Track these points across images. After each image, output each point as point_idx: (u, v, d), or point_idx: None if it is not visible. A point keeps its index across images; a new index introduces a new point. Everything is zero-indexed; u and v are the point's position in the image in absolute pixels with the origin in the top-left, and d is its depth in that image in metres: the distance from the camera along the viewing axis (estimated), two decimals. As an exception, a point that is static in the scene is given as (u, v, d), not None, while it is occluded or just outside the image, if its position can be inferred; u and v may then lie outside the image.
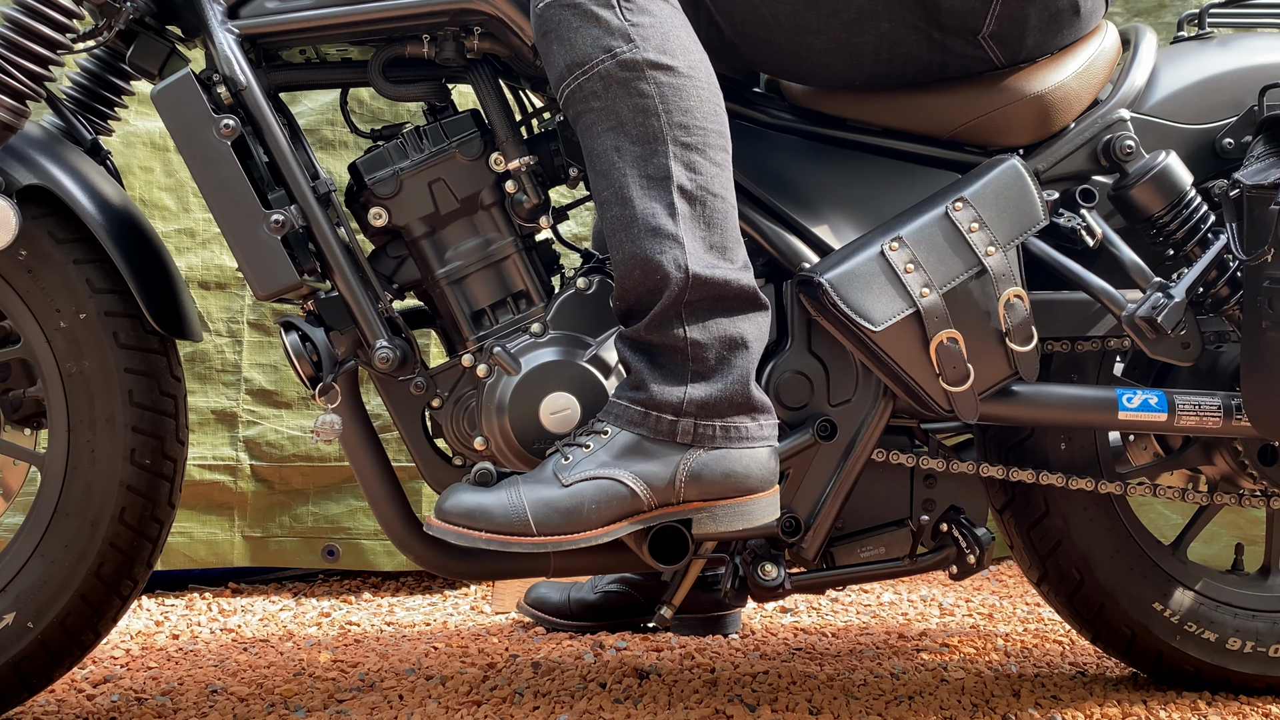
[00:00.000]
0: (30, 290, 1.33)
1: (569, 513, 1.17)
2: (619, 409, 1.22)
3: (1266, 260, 1.28)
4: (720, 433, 1.21)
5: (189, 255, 2.14)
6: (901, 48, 1.33)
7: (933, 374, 1.30)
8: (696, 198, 1.20)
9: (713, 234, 1.21)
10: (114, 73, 1.43)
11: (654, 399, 1.20)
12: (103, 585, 1.35)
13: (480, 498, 1.19)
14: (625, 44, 1.20)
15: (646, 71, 1.20)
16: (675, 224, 1.19)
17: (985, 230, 1.31)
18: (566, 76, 1.21)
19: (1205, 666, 1.51)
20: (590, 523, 1.18)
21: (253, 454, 2.13)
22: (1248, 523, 2.04)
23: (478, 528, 1.18)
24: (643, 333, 1.21)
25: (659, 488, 1.20)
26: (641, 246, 1.19)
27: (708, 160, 1.22)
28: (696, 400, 1.20)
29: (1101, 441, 1.49)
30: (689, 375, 1.20)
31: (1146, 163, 1.37)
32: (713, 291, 1.20)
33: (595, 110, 1.21)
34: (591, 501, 1.18)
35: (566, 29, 1.21)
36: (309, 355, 1.32)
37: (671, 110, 1.20)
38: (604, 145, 1.21)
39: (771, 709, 1.43)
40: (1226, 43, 1.50)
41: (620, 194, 1.20)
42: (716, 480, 1.20)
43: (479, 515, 1.18)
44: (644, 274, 1.19)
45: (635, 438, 1.20)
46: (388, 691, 1.53)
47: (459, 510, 1.19)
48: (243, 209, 1.28)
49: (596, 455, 1.20)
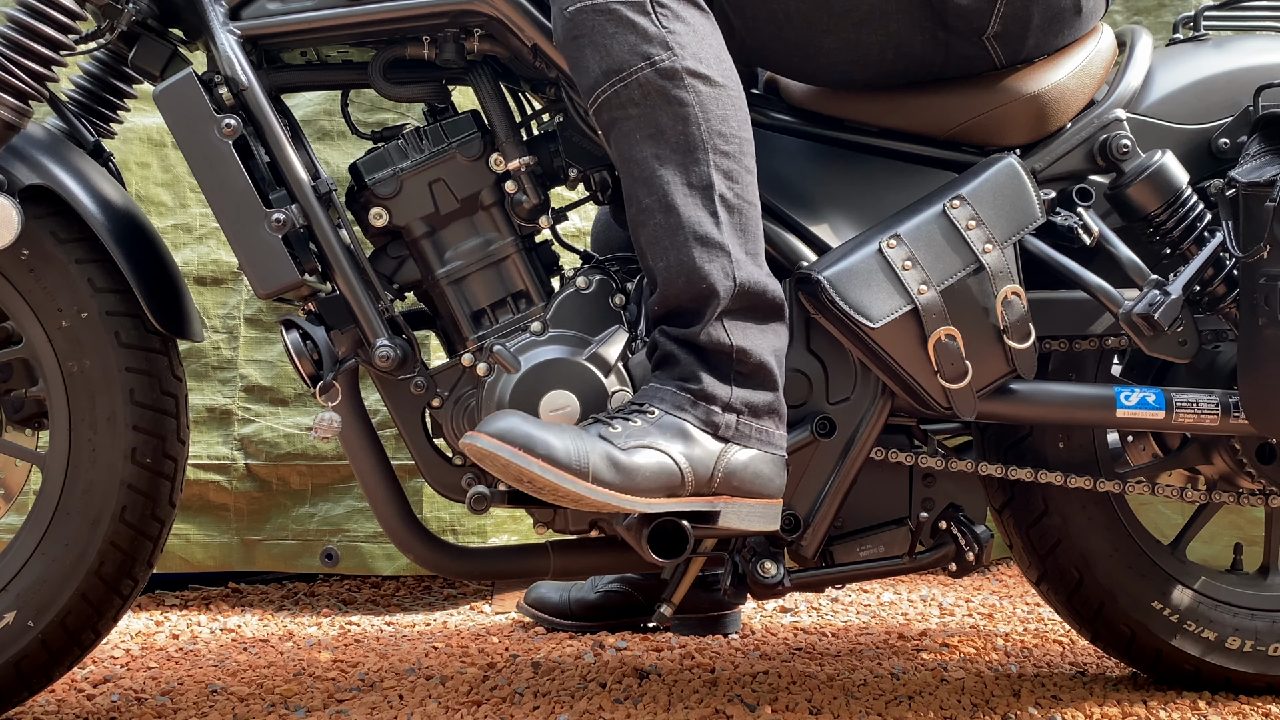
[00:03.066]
0: (32, 289, 1.34)
1: (627, 472, 1.16)
2: (667, 394, 1.22)
3: (1262, 257, 1.28)
4: (757, 434, 1.23)
5: (185, 251, 2.11)
6: (907, 47, 1.34)
7: (931, 371, 1.31)
8: (735, 206, 1.22)
9: (748, 242, 1.23)
10: (116, 75, 1.44)
11: (705, 391, 1.21)
12: (103, 584, 1.35)
13: (541, 430, 1.15)
14: (664, 51, 1.20)
15: (686, 80, 1.20)
16: (721, 232, 1.21)
17: (983, 228, 1.31)
18: (602, 83, 1.21)
19: (1205, 665, 1.51)
20: (640, 489, 1.17)
21: (248, 453, 2.09)
22: (1248, 523, 2.04)
23: (535, 453, 1.13)
24: (694, 336, 1.22)
25: (700, 475, 1.20)
26: (690, 254, 1.20)
27: (743, 169, 1.23)
28: (740, 400, 1.22)
29: (1100, 440, 1.50)
30: (733, 377, 1.22)
31: (1143, 162, 1.37)
32: (752, 300, 1.22)
33: (633, 118, 1.21)
34: (647, 470, 1.17)
35: (601, 35, 1.20)
36: (310, 354, 1.32)
37: (711, 119, 1.21)
38: (643, 153, 1.21)
39: (771, 709, 1.43)
40: (1222, 44, 1.51)
41: (664, 201, 1.21)
42: (748, 479, 1.22)
43: (539, 444, 1.13)
44: (690, 282, 1.20)
45: (682, 423, 1.20)
46: (388, 691, 1.53)
47: (517, 434, 1.14)
48: (244, 208, 1.29)
49: (649, 431, 1.19)
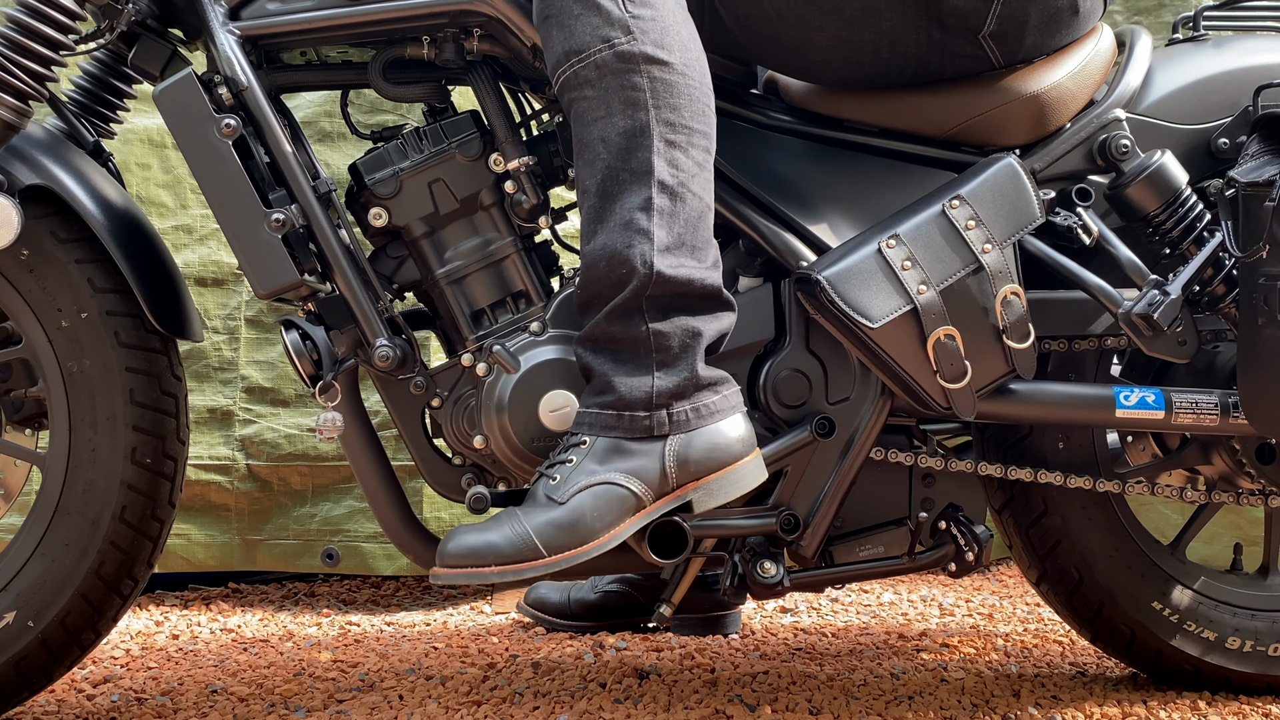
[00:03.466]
0: (32, 289, 1.34)
1: (573, 527, 1.17)
2: (590, 417, 1.23)
3: (1261, 257, 1.28)
4: (692, 414, 1.22)
5: (186, 252, 2.12)
6: (902, 46, 1.34)
7: (930, 371, 1.31)
8: (676, 194, 1.21)
9: (686, 231, 1.22)
10: (116, 76, 1.44)
11: (623, 399, 1.21)
12: (103, 584, 1.35)
13: (483, 536, 1.19)
14: (624, 35, 1.20)
15: (641, 65, 1.20)
16: (649, 219, 1.20)
17: (982, 228, 1.31)
18: (564, 63, 1.22)
19: (1204, 665, 1.51)
20: (596, 531, 1.18)
21: (249, 453, 2.09)
22: (1248, 523, 2.04)
23: (487, 563, 1.17)
24: (604, 324, 1.21)
25: (652, 481, 1.20)
26: (613, 239, 1.21)
27: (690, 159, 1.22)
28: (664, 390, 1.21)
29: (1099, 441, 1.50)
30: (653, 365, 1.21)
31: (1142, 162, 1.38)
32: (676, 289, 1.21)
33: (588, 99, 1.21)
34: (591, 510, 1.18)
35: (567, 15, 1.21)
36: (309, 354, 1.32)
37: (661, 106, 1.21)
38: (592, 135, 1.22)
39: (771, 709, 1.43)
40: (1221, 44, 1.51)
41: (601, 185, 1.21)
42: (702, 458, 1.22)
43: (486, 552, 1.18)
44: (610, 266, 1.21)
45: (614, 440, 1.21)
46: (388, 691, 1.53)
47: (464, 551, 1.18)
48: (243, 208, 1.29)
49: (583, 466, 1.20)
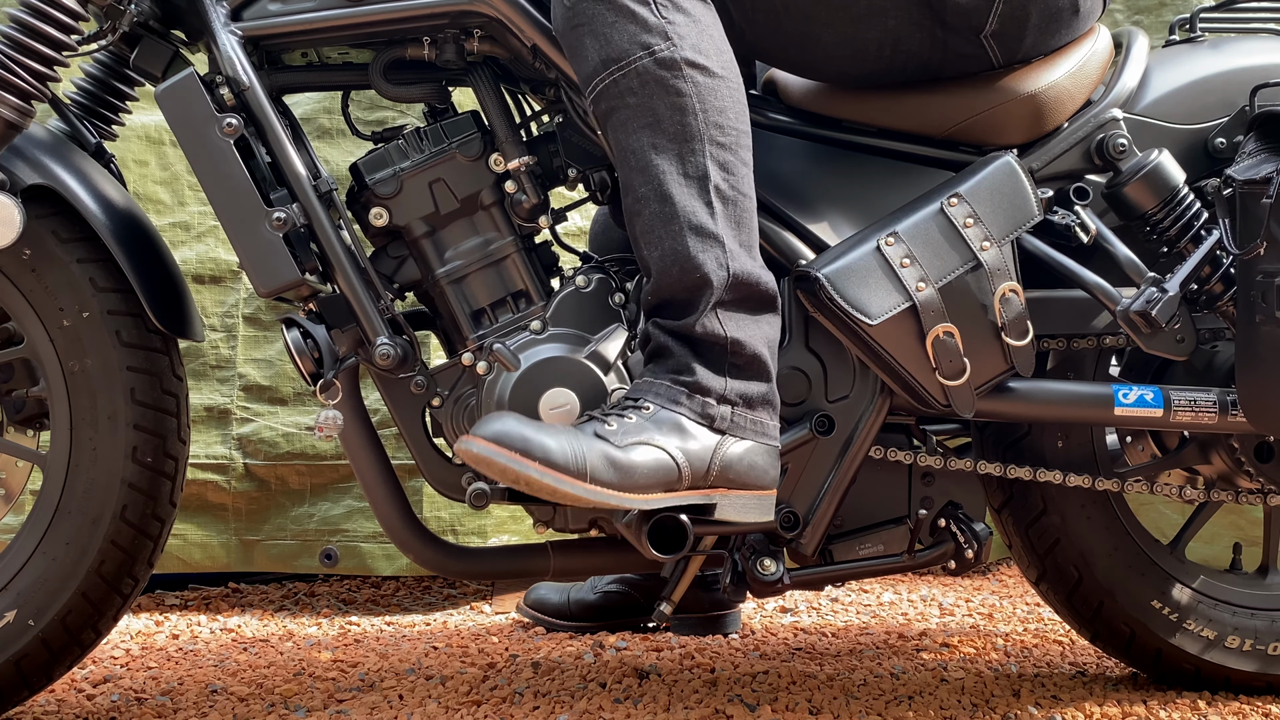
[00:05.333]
0: (34, 289, 1.34)
1: (625, 470, 1.16)
2: (662, 388, 1.22)
3: (1259, 254, 1.29)
4: (752, 425, 1.23)
5: (184, 249, 2.11)
6: (904, 45, 1.35)
7: (929, 368, 1.31)
8: (730, 198, 1.23)
9: (742, 233, 1.23)
10: (118, 77, 1.45)
11: (700, 384, 1.21)
12: (104, 583, 1.35)
13: (537, 432, 1.14)
14: (663, 41, 1.21)
15: (684, 70, 1.21)
16: (715, 223, 1.21)
17: (980, 225, 1.32)
18: (601, 72, 1.22)
19: (1204, 664, 1.51)
20: (638, 486, 1.17)
21: (247, 452, 2.08)
22: (1248, 523, 2.05)
23: (533, 456, 1.12)
24: (688, 327, 1.22)
25: (697, 469, 1.21)
26: (684, 244, 1.21)
27: (739, 161, 1.24)
28: (735, 391, 1.22)
29: (1098, 440, 1.50)
30: (727, 368, 1.22)
31: (1139, 161, 1.38)
32: (746, 291, 1.23)
33: (630, 107, 1.22)
34: (644, 467, 1.17)
35: (601, 24, 1.21)
36: (310, 352, 1.33)
37: (708, 110, 1.22)
38: (640, 142, 1.22)
39: (771, 709, 1.43)
40: (1218, 45, 1.51)
41: (659, 191, 1.21)
42: (743, 471, 1.22)
43: (535, 447, 1.13)
44: (684, 271, 1.21)
45: (677, 417, 1.20)
46: (388, 691, 1.53)
47: (513, 436, 1.13)
48: (245, 206, 1.29)
49: (645, 427, 1.19)
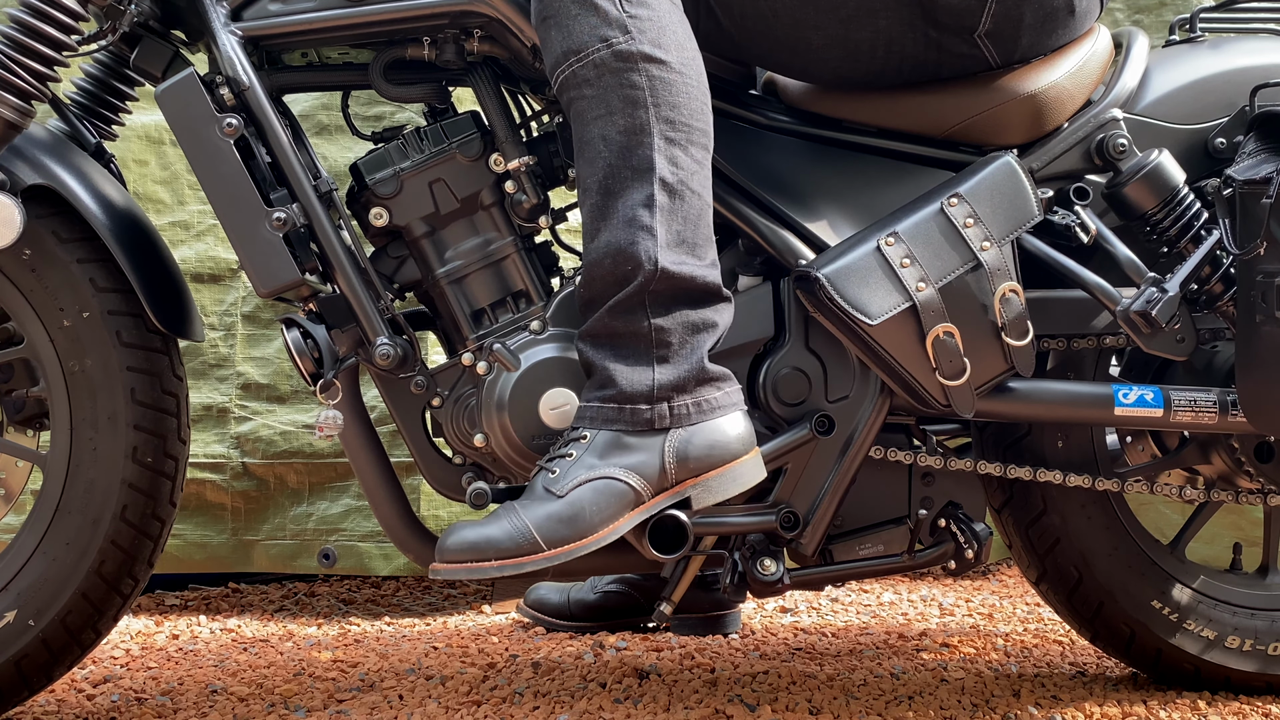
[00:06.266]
0: (34, 289, 1.34)
1: (572, 520, 1.18)
2: (591, 411, 1.24)
3: (1259, 254, 1.29)
4: (693, 409, 1.23)
5: (183, 248, 2.11)
6: (898, 45, 1.35)
7: (929, 368, 1.31)
8: (676, 191, 1.23)
9: (686, 229, 1.23)
10: (118, 78, 1.45)
11: (624, 393, 1.22)
12: (104, 583, 1.35)
13: (481, 531, 1.19)
14: (622, 35, 1.22)
15: (639, 64, 1.22)
16: (651, 216, 1.21)
17: (980, 225, 1.32)
18: (562, 62, 1.24)
19: (1204, 664, 1.51)
20: (595, 525, 1.19)
21: (245, 451, 2.08)
22: (1248, 523, 2.05)
23: (486, 558, 1.18)
24: (606, 319, 1.23)
25: (651, 476, 1.21)
26: (616, 235, 1.22)
27: (690, 157, 1.24)
28: (665, 383, 1.22)
29: (1099, 440, 1.50)
30: (653, 359, 1.22)
31: (1139, 161, 1.38)
32: (678, 285, 1.23)
33: (587, 98, 1.23)
34: (591, 505, 1.19)
35: (565, 16, 1.23)
36: (310, 352, 1.33)
37: (660, 104, 1.22)
38: (592, 133, 1.23)
39: (771, 709, 1.43)
40: (1217, 45, 1.51)
41: (602, 182, 1.23)
42: (702, 454, 1.22)
43: (485, 546, 1.18)
44: (615, 263, 1.22)
45: (614, 434, 1.21)
46: (388, 691, 1.53)
47: (464, 546, 1.19)
48: (245, 206, 1.29)
49: (582, 460, 1.21)
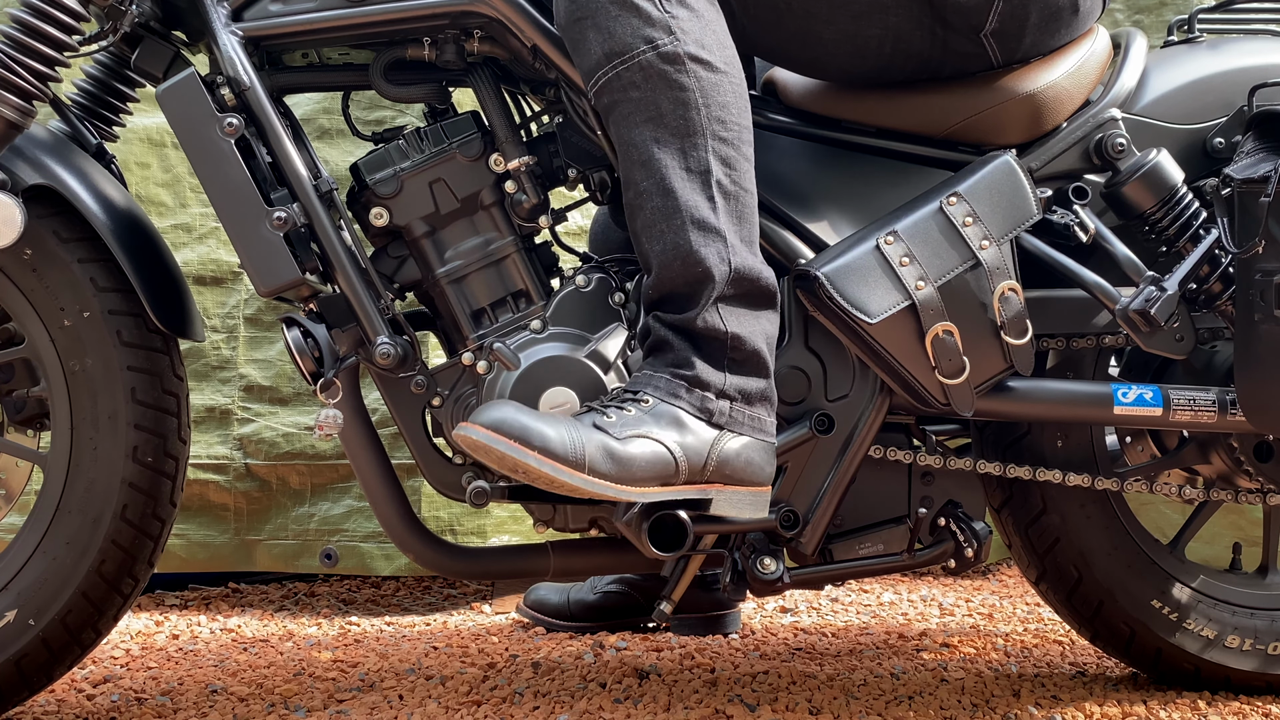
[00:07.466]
0: (35, 288, 1.35)
1: (623, 462, 1.16)
2: (661, 381, 1.22)
3: (1258, 253, 1.29)
4: (749, 421, 1.24)
5: (185, 250, 2.12)
6: (905, 43, 1.35)
7: (928, 367, 1.31)
8: (731, 193, 1.23)
9: (744, 228, 1.24)
10: (119, 78, 1.45)
11: (699, 378, 1.22)
12: (104, 583, 1.35)
13: (536, 420, 1.15)
14: (666, 36, 1.21)
15: (687, 65, 1.22)
16: (717, 217, 1.22)
17: (979, 224, 1.32)
18: (604, 64, 1.23)
19: (1204, 664, 1.51)
20: (636, 479, 1.17)
21: (247, 452, 2.08)
22: (1248, 523, 2.05)
23: (531, 445, 1.13)
24: (689, 321, 1.22)
25: (694, 463, 1.21)
26: (686, 238, 1.21)
27: (741, 156, 1.24)
28: (734, 388, 1.23)
29: (1098, 439, 1.50)
30: (726, 363, 1.23)
31: (1138, 160, 1.38)
32: (747, 286, 1.23)
33: (633, 101, 1.22)
34: (642, 460, 1.17)
35: (605, 17, 1.22)
36: (311, 351, 1.33)
37: (711, 105, 1.22)
38: (642, 136, 1.22)
39: (771, 709, 1.43)
40: (1216, 45, 1.52)
41: (662, 185, 1.22)
42: (740, 466, 1.23)
43: (534, 435, 1.13)
44: (686, 265, 1.21)
45: (676, 411, 1.21)
46: (388, 691, 1.53)
47: (512, 424, 1.13)
48: (245, 206, 1.29)
49: (643, 420, 1.19)
